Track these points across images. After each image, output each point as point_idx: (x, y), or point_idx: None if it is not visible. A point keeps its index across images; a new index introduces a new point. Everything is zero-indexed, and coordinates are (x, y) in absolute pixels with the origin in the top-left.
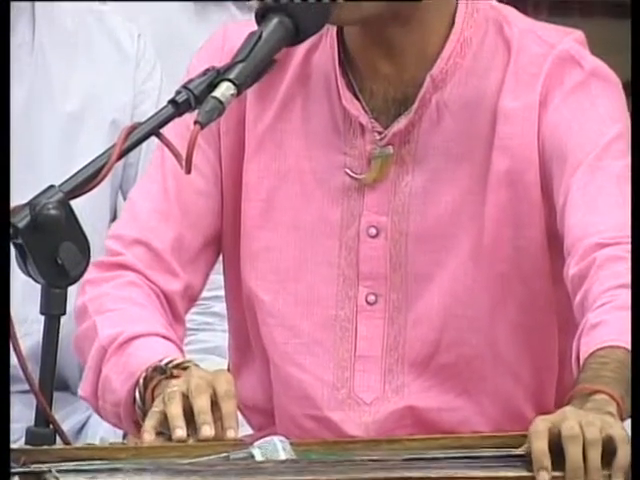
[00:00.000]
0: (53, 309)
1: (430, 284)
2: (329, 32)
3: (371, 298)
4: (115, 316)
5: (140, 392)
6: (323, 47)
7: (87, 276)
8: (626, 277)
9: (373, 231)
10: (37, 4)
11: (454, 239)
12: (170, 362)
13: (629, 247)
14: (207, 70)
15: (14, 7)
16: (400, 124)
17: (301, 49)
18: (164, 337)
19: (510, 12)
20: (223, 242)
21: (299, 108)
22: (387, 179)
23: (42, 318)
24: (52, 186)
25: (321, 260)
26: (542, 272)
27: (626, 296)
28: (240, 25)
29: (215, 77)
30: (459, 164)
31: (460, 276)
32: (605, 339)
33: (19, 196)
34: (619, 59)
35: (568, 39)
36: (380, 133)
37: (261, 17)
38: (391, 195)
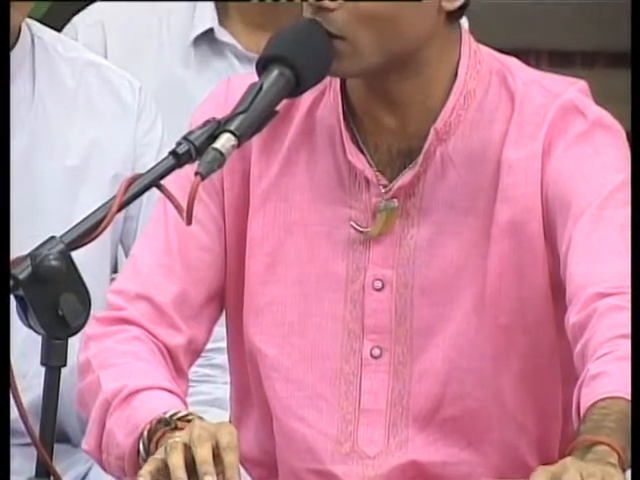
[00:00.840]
0: (54, 360)
1: (434, 337)
2: (332, 85)
3: (376, 352)
4: (119, 370)
5: (144, 444)
6: (327, 100)
7: (89, 331)
8: (627, 327)
9: (378, 284)
10: (37, 57)
11: (458, 291)
12: (174, 414)
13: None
14: (207, 121)
15: (14, 58)
16: (405, 177)
17: (305, 103)
18: (168, 390)
19: (513, 63)
20: (226, 296)
21: (304, 162)
22: (392, 232)
23: (42, 372)
24: (53, 237)
25: (326, 314)
26: (546, 322)
27: (627, 347)
28: (243, 78)
29: (216, 128)
30: (463, 216)
31: (464, 329)
32: (606, 390)
33: (20, 248)
34: (620, 109)
35: (572, 89)
36: (385, 186)
37: (262, 68)
38: (396, 248)
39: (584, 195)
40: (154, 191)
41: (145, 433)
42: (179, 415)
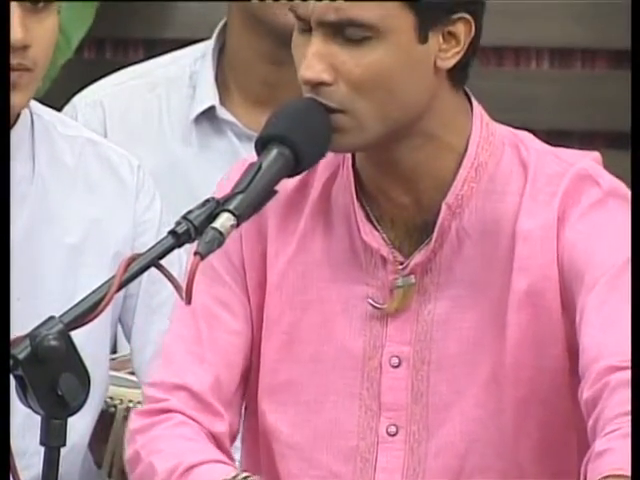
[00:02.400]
0: (53, 440)
1: (451, 412)
2: (345, 163)
3: (392, 429)
4: (170, 451)
5: None
6: (340, 179)
7: (133, 426)
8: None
9: (395, 361)
10: (37, 136)
11: (475, 365)
12: (236, 476)
13: None
14: (207, 201)
15: (14, 137)
16: (421, 254)
17: (319, 181)
18: (222, 462)
19: (527, 136)
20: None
21: (320, 241)
22: (409, 308)
23: (42, 450)
24: (52, 317)
25: (342, 392)
26: (562, 391)
27: None
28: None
29: (215, 208)
30: (480, 289)
31: (482, 401)
32: (611, 467)
33: (21, 325)
34: None
35: (586, 159)
36: (402, 263)
37: (260, 147)
38: (413, 324)
39: (598, 265)
40: (155, 269)
41: None
42: (242, 476)
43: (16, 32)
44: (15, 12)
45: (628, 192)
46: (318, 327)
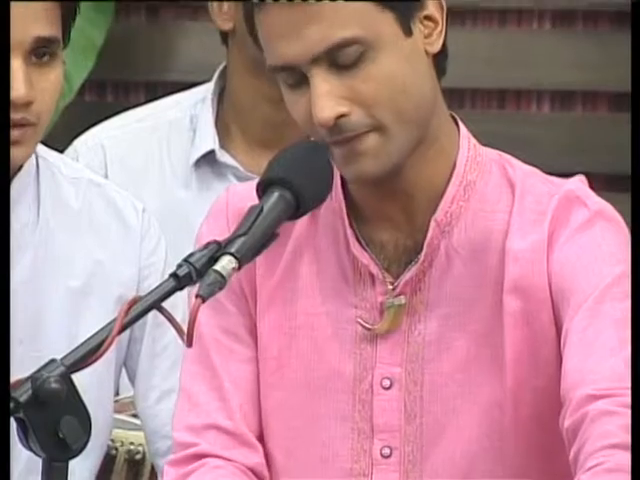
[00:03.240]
0: None
1: (446, 433)
2: (335, 188)
3: (385, 451)
4: None
5: None
6: (329, 202)
7: (168, 478)
8: (617, 436)
9: (387, 383)
10: (42, 178)
11: (470, 384)
12: None
13: (623, 399)
14: (208, 243)
15: (19, 180)
16: (411, 273)
17: None
18: None
19: (512, 157)
20: None
21: (308, 264)
22: (399, 329)
23: None
24: (54, 360)
25: (334, 415)
26: (559, 411)
27: (618, 457)
28: (242, 186)
29: (216, 250)
30: (471, 308)
31: (478, 422)
32: None
33: (24, 367)
34: None
35: (573, 180)
36: (392, 283)
37: (262, 191)
38: (404, 345)
39: (582, 288)
40: (158, 313)
41: None
42: None
43: (19, 89)
44: (19, 67)
45: (616, 213)
46: (308, 352)
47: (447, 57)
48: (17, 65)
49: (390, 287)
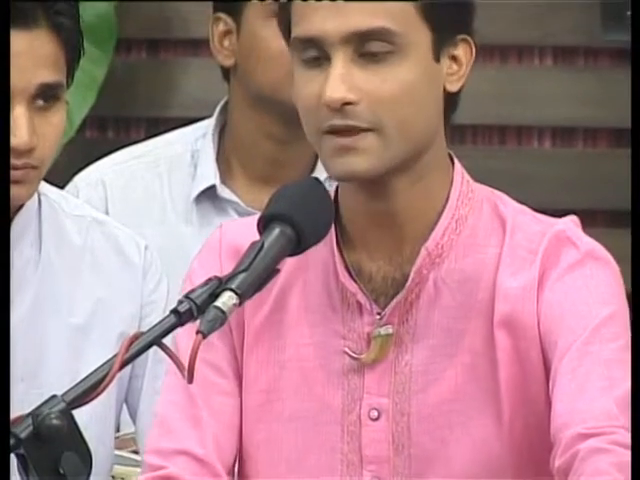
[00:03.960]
0: None
1: (435, 464)
2: None
3: None
4: None
5: None
6: None
7: None
8: (609, 474)
9: (375, 414)
10: (44, 215)
11: (458, 416)
12: None
13: (614, 437)
14: (209, 279)
15: (21, 217)
16: (399, 302)
17: None
18: None
19: (504, 195)
20: None
21: (296, 295)
22: (386, 359)
23: None
24: (54, 396)
25: (323, 447)
26: (549, 448)
27: None
28: (235, 222)
29: (217, 286)
30: (459, 340)
31: (468, 454)
32: None
33: (26, 403)
34: (621, 268)
35: (565, 220)
36: (379, 313)
37: (263, 226)
38: (391, 375)
39: (571, 329)
40: (160, 350)
41: None
42: None
43: (22, 136)
44: (22, 114)
45: (606, 254)
46: (297, 384)
47: (459, 101)
48: (20, 112)
49: (377, 317)
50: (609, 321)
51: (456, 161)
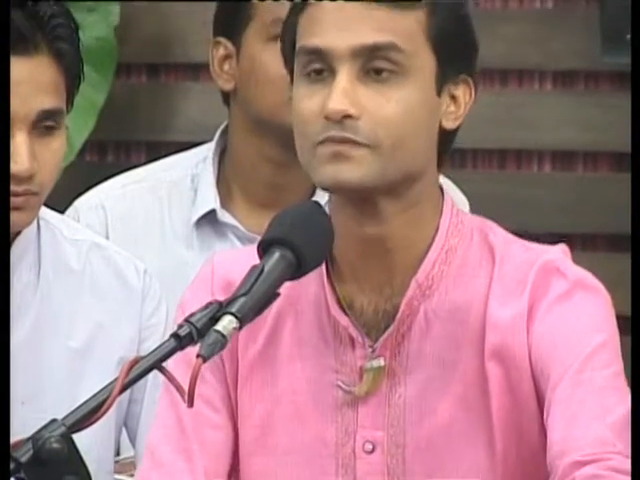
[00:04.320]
0: None
1: None
2: None
3: None
4: None
5: None
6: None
7: None
8: None
9: (369, 447)
10: (43, 240)
11: (452, 447)
12: None
13: (610, 463)
14: (209, 303)
15: (20, 242)
16: (390, 335)
17: None
18: None
19: (495, 225)
20: None
21: (289, 331)
22: (380, 392)
23: None
24: (55, 420)
25: None
26: (544, 478)
27: None
28: (226, 253)
29: (217, 310)
30: (451, 371)
31: None
32: None
33: (25, 427)
34: (622, 293)
35: (554, 249)
36: (371, 346)
37: (263, 250)
38: (385, 408)
39: (562, 359)
40: (159, 374)
41: None
42: None
43: (23, 163)
44: (23, 141)
45: (596, 283)
46: (290, 419)
47: (452, 143)
48: (21, 139)
49: (369, 350)
50: (601, 349)
51: (445, 192)
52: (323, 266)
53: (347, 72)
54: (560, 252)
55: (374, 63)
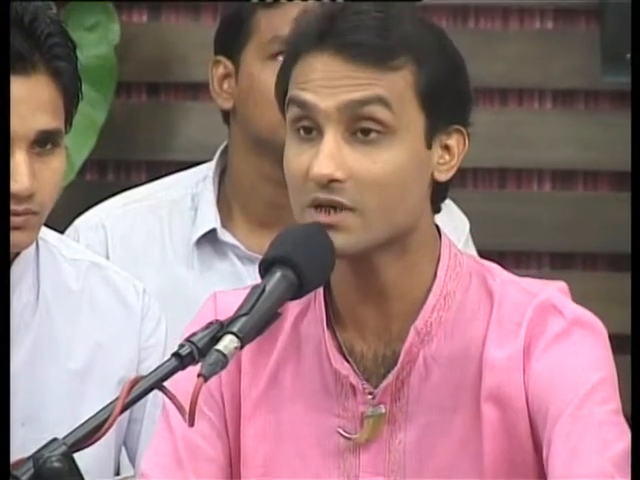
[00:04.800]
0: None
1: None
2: (317, 297)
3: None
4: None
5: None
6: (312, 314)
7: None
8: None
9: None
10: (42, 260)
11: None
12: None
13: None
14: (210, 323)
15: (19, 262)
16: (389, 381)
17: (291, 316)
18: None
19: (494, 266)
20: None
21: (290, 374)
22: (380, 438)
23: None
24: (55, 439)
25: None
26: None
27: None
28: (227, 293)
29: (218, 330)
30: (451, 416)
31: None
32: None
33: (24, 449)
34: (622, 312)
35: (550, 288)
36: (371, 393)
37: (264, 270)
38: (386, 454)
39: (561, 397)
40: (159, 393)
41: None
42: None
43: (23, 182)
44: (22, 160)
45: (593, 320)
46: (293, 460)
47: (447, 191)
48: (20, 158)
49: (369, 397)
50: (599, 386)
51: (443, 234)
52: (323, 311)
53: (334, 133)
54: (557, 290)
55: (361, 124)
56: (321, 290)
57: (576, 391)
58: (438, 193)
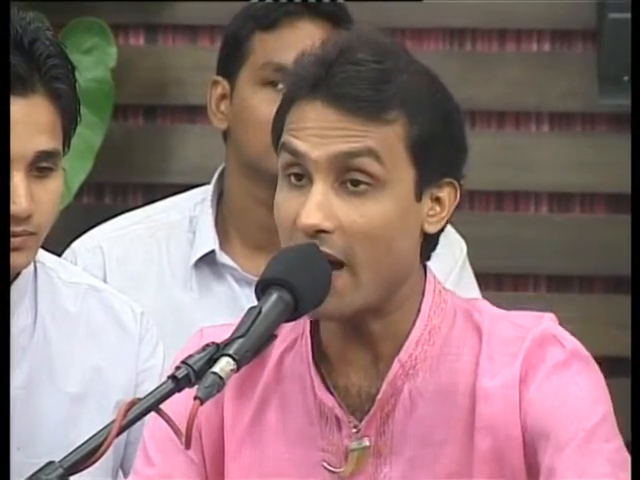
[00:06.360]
0: None
1: None
2: (304, 333)
3: None
4: None
5: None
6: (298, 349)
7: None
8: None
9: None
10: (39, 283)
11: None
12: None
13: None
14: (206, 345)
15: (17, 286)
16: (374, 415)
17: (276, 351)
18: None
19: (480, 303)
20: None
21: (274, 411)
22: (366, 471)
23: None
24: (52, 462)
25: None
26: None
27: None
28: (217, 327)
29: (215, 352)
30: (438, 449)
31: None
32: None
33: (21, 473)
34: (620, 334)
35: (545, 319)
36: (356, 426)
37: (261, 291)
38: None
39: (566, 427)
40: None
41: None
42: None
43: (21, 203)
44: (20, 181)
45: (587, 353)
46: None
47: (437, 241)
48: (19, 179)
49: (354, 430)
50: (604, 421)
51: (428, 269)
52: (309, 347)
53: (323, 183)
54: (550, 321)
55: (351, 175)
56: (308, 326)
57: (582, 424)
58: (428, 244)
